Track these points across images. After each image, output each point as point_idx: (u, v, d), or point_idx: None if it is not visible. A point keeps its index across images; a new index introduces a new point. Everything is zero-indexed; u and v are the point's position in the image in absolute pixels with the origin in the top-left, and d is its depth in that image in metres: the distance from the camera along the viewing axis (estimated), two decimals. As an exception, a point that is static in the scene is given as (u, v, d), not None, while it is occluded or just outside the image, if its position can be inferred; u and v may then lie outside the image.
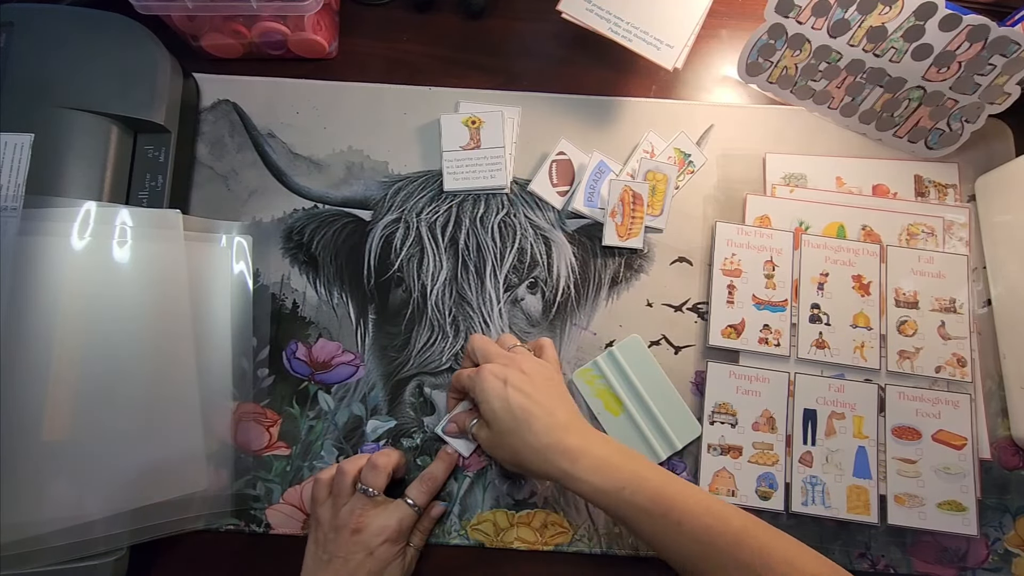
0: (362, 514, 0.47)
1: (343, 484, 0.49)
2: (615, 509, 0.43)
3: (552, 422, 0.45)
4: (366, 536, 0.46)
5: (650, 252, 0.58)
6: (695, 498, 0.42)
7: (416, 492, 0.50)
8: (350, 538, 0.46)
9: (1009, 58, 0.51)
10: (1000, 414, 0.55)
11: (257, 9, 0.54)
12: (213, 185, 0.59)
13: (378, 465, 0.49)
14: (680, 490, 0.43)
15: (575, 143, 0.60)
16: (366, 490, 0.48)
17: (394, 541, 0.47)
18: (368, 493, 0.48)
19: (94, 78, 0.52)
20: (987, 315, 0.57)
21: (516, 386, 0.46)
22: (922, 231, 0.57)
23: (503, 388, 0.46)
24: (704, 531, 0.41)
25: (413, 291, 0.56)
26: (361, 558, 0.46)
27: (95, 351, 0.47)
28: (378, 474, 0.49)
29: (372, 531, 0.46)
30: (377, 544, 0.46)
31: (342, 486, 0.49)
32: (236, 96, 0.61)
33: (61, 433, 0.45)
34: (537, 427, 0.45)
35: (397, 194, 0.59)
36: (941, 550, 0.52)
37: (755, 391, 0.54)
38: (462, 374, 0.51)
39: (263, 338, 0.56)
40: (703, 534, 0.41)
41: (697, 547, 0.41)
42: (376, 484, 0.48)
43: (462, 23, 0.64)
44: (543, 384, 0.47)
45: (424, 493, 0.50)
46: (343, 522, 0.47)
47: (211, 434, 0.51)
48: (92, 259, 0.48)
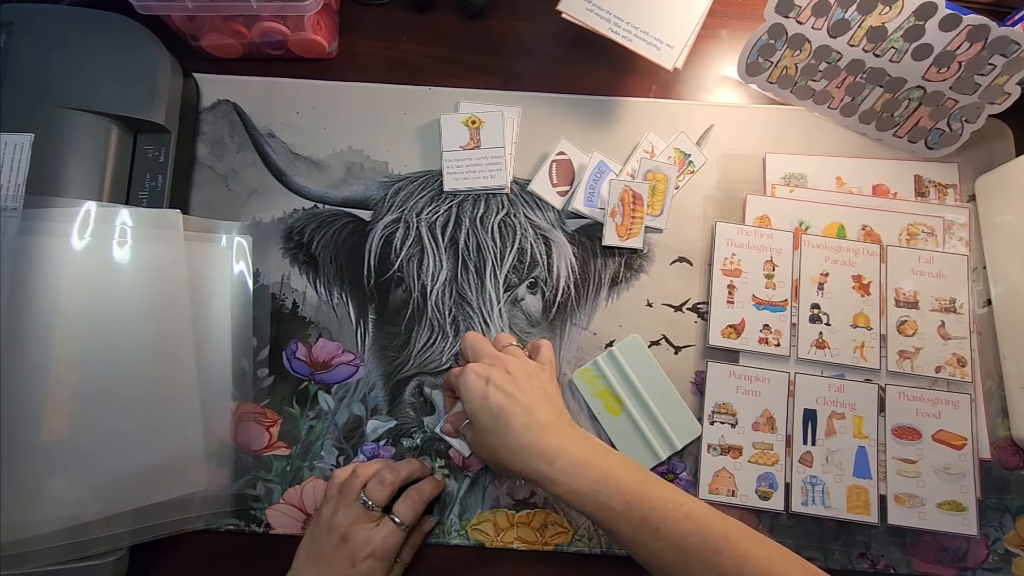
0: (353, 524, 0.47)
1: (352, 488, 0.48)
2: (591, 512, 0.42)
3: (530, 422, 0.44)
4: (351, 547, 0.46)
5: (650, 252, 0.58)
6: (674, 502, 0.41)
7: (403, 509, 0.49)
8: (337, 544, 0.46)
9: (1009, 58, 0.51)
10: (1000, 414, 0.55)
11: (257, 9, 0.54)
12: (213, 185, 0.59)
13: (385, 480, 0.49)
14: (659, 494, 0.41)
15: (575, 143, 0.60)
16: (365, 502, 0.48)
17: (379, 558, 0.47)
18: (366, 505, 0.48)
19: (94, 78, 0.52)
20: (987, 315, 0.57)
21: (498, 385, 0.45)
22: (922, 231, 0.57)
23: (484, 387, 0.45)
24: (682, 537, 0.40)
25: (413, 291, 0.56)
26: (344, 568, 0.46)
27: (95, 351, 0.47)
28: (383, 488, 0.48)
29: (357, 543, 0.46)
30: (361, 557, 0.46)
31: (351, 489, 0.48)
32: (236, 96, 0.61)
33: (61, 433, 0.45)
34: (515, 426, 0.44)
35: (397, 194, 0.59)
36: (941, 550, 0.52)
37: (755, 391, 0.54)
38: (452, 373, 0.50)
39: (263, 338, 0.56)
40: (681, 540, 0.40)
41: (674, 553, 0.40)
42: (377, 499, 0.48)
43: (462, 23, 0.64)
44: (526, 383, 0.46)
45: (411, 511, 0.49)
46: (335, 525, 0.47)
47: (211, 434, 0.51)
48: (92, 259, 0.48)
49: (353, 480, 0.49)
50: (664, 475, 0.54)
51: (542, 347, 0.52)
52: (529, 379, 0.47)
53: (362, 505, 0.48)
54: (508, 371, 0.46)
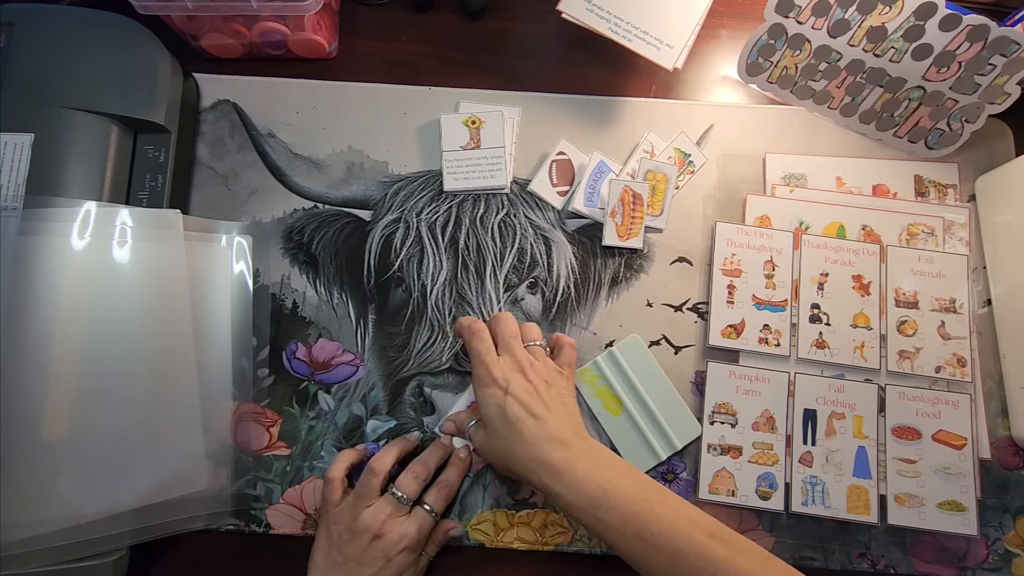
0: (387, 520, 0.47)
1: (371, 486, 0.48)
2: (588, 525, 0.42)
3: (542, 434, 0.44)
4: (386, 543, 0.46)
5: (650, 252, 0.58)
6: (673, 521, 0.41)
7: (433, 499, 0.50)
8: (369, 543, 0.46)
9: (1009, 58, 0.51)
10: (1000, 414, 0.55)
11: (257, 9, 0.54)
12: (213, 185, 0.59)
13: (419, 475, 0.49)
14: (658, 511, 0.41)
15: (575, 143, 0.60)
16: (399, 496, 0.48)
17: (412, 549, 0.47)
18: (401, 500, 0.48)
19: (94, 78, 0.52)
20: (987, 315, 0.57)
21: (516, 394, 0.46)
22: (922, 231, 0.57)
23: (502, 396, 0.46)
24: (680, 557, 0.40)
25: (413, 291, 0.56)
26: (380, 565, 0.46)
27: (95, 351, 0.47)
28: (417, 482, 0.49)
29: (393, 538, 0.46)
30: (396, 552, 0.46)
31: (370, 487, 0.48)
32: (236, 96, 0.61)
33: (61, 433, 0.45)
34: (528, 437, 0.44)
35: (397, 194, 0.59)
36: (941, 550, 0.52)
37: (755, 391, 0.54)
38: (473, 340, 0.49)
39: (263, 338, 0.56)
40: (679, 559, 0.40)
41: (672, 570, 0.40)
42: (412, 492, 0.49)
43: (462, 23, 0.64)
44: (544, 392, 0.47)
45: (442, 500, 0.50)
46: (365, 525, 0.46)
47: (211, 434, 0.51)
48: (92, 259, 0.48)
49: (371, 477, 0.48)
50: (664, 475, 0.54)
51: (564, 348, 0.52)
52: (548, 387, 0.47)
53: (395, 499, 0.48)
54: (528, 378, 0.47)
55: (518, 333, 0.50)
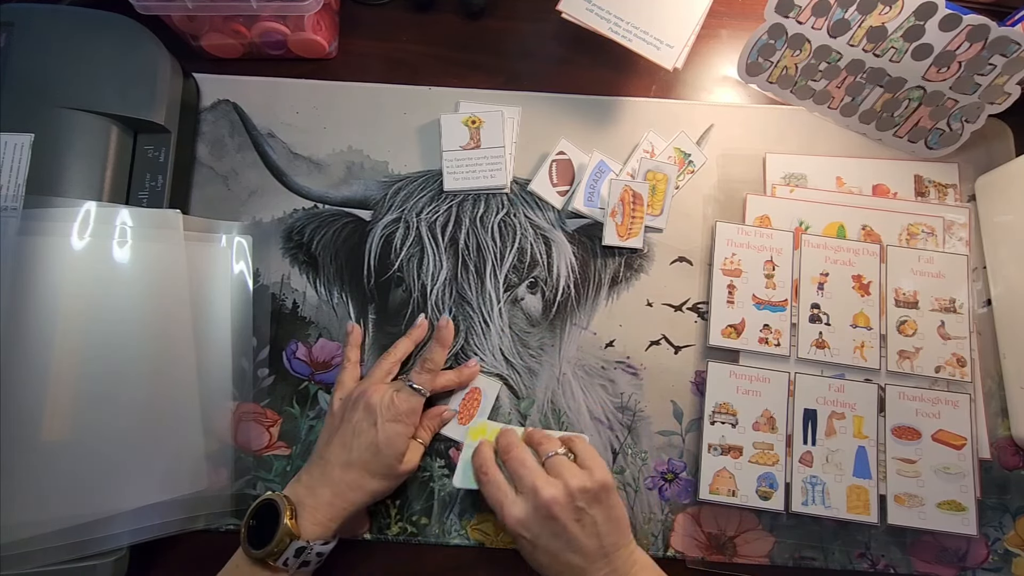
0: (373, 384, 0.50)
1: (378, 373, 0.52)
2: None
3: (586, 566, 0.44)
4: (371, 406, 0.48)
5: (650, 252, 0.58)
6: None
7: (419, 379, 0.51)
8: (361, 409, 0.48)
9: (1009, 58, 0.51)
10: (1000, 414, 0.55)
11: (257, 9, 0.54)
12: (213, 185, 0.59)
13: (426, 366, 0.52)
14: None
15: (575, 143, 0.60)
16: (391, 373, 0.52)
17: (399, 421, 0.48)
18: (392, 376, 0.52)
19: (94, 78, 0.52)
20: (987, 315, 0.57)
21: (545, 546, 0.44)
22: (922, 231, 0.57)
23: (532, 550, 0.45)
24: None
25: (413, 291, 0.56)
26: (368, 428, 0.47)
27: (95, 351, 0.47)
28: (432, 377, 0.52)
29: (376, 400, 0.48)
30: (385, 420, 0.48)
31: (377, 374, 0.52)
32: (236, 96, 0.61)
33: (61, 433, 0.45)
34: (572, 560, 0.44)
35: (397, 194, 0.59)
36: (941, 550, 0.52)
37: (755, 391, 0.54)
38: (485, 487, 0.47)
39: (263, 338, 0.56)
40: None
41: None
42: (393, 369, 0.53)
43: (462, 23, 0.64)
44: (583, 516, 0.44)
45: (426, 377, 0.51)
46: (358, 392, 0.50)
47: (211, 434, 0.51)
48: (92, 259, 0.48)
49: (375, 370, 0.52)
50: (664, 475, 0.54)
51: (580, 449, 0.48)
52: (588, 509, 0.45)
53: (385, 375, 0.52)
54: (554, 515, 0.44)
55: (528, 459, 0.47)
